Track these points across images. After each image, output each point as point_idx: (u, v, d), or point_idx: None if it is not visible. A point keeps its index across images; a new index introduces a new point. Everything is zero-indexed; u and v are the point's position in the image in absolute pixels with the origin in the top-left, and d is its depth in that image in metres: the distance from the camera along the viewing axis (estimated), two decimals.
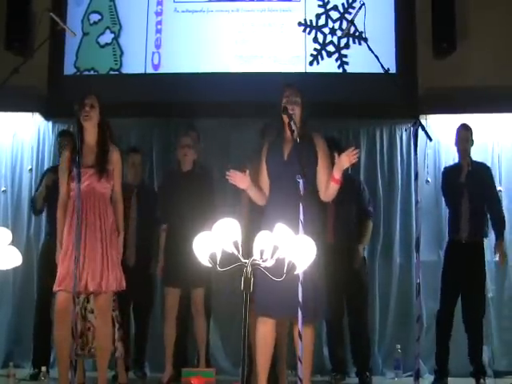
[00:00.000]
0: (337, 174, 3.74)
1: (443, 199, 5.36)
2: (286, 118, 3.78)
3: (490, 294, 5.51)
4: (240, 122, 5.78)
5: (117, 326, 4.54)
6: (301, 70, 5.91)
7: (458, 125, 5.19)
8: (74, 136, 3.92)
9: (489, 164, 5.67)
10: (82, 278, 3.88)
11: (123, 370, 4.82)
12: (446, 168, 5.38)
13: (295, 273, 2.70)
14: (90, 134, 4.09)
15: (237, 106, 5.66)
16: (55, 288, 3.93)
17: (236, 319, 5.31)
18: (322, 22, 5.97)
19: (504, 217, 5.11)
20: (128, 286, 4.42)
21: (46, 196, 5.09)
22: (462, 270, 4.96)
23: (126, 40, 6.03)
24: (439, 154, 5.84)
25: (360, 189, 5.33)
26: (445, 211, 5.42)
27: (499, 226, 5.04)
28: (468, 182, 5.04)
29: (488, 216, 5.10)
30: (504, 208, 5.43)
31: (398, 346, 5.40)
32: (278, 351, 4.40)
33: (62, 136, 5.35)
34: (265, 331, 3.72)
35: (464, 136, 5.12)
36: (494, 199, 5.13)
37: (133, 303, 5.23)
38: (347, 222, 5.19)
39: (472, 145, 5.15)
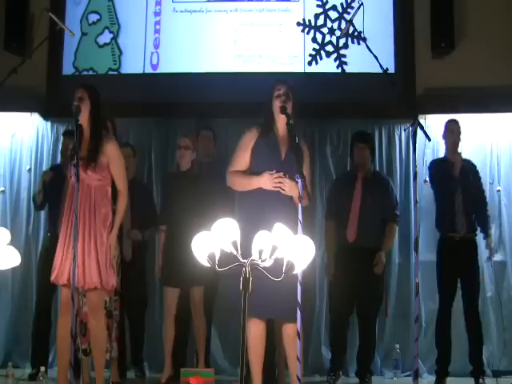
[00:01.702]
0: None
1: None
2: (284, 118, 3.76)
3: (488, 294, 5.53)
4: (238, 122, 5.76)
5: (115, 325, 4.51)
6: (299, 69, 5.90)
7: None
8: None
9: (487, 164, 5.69)
10: (66, 272, 3.84)
11: (116, 368, 4.78)
12: (434, 161, 5.30)
13: (293, 273, 2.70)
14: (84, 127, 4.01)
15: (235, 105, 5.65)
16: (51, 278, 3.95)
17: (235, 319, 5.32)
18: (320, 21, 5.97)
19: (489, 216, 5.09)
20: (122, 282, 4.42)
21: (44, 192, 5.07)
22: (460, 267, 4.95)
23: (125, 40, 6.03)
24: (438, 153, 5.81)
25: (389, 189, 5.24)
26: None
27: (485, 224, 5.02)
28: (462, 176, 5.00)
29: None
30: (503, 207, 5.45)
31: (397, 346, 5.40)
32: (276, 352, 4.39)
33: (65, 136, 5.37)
34: (256, 332, 3.71)
35: (452, 129, 5.09)
36: (481, 197, 5.10)
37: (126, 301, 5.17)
38: (371, 223, 5.07)
39: (460, 140, 5.12)
